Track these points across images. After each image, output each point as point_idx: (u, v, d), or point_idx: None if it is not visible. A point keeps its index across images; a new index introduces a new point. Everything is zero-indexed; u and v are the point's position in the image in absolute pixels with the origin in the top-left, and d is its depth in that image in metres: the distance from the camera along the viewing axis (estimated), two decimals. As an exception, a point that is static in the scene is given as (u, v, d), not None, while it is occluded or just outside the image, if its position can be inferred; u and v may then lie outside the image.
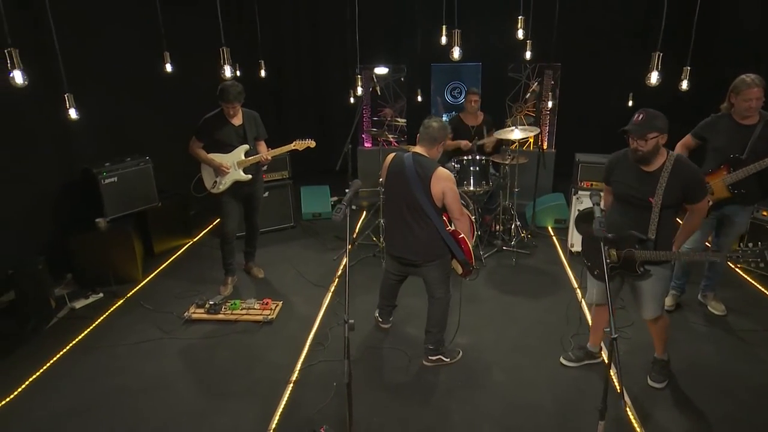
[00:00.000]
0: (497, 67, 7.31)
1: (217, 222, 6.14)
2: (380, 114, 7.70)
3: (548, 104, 7.18)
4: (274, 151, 4.64)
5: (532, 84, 7.12)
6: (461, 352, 3.81)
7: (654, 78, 3.44)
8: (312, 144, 4.75)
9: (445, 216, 3.51)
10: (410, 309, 4.31)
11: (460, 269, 3.64)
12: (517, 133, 5.29)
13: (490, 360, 3.78)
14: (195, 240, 6.03)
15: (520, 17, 4.95)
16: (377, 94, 7.31)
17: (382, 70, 7.13)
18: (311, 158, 5.80)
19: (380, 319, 4.16)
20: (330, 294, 4.74)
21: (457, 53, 4.04)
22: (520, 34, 5.06)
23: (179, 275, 5.17)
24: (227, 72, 3.86)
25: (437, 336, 3.68)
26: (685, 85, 3.79)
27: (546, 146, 7.04)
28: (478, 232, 5.32)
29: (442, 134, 3.47)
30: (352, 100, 6.55)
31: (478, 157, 5.25)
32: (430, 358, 3.71)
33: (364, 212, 6.77)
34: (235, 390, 3.50)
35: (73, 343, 4.03)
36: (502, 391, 3.46)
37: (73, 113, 3.76)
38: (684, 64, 3.74)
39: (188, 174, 4.88)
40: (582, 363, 3.67)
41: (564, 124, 7.35)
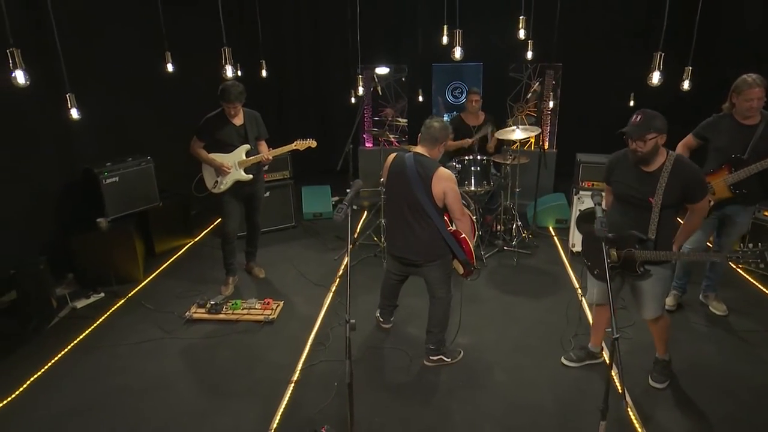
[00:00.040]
0: (498, 67, 7.31)
1: (218, 222, 6.14)
2: (381, 114, 7.70)
3: (549, 104, 7.18)
4: (275, 150, 4.65)
5: (534, 84, 7.12)
6: (462, 352, 3.81)
7: (656, 78, 3.44)
8: (313, 144, 4.76)
9: (446, 216, 3.51)
10: (411, 309, 4.31)
11: (461, 269, 3.64)
12: (518, 133, 5.29)
13: (491, 360, 3.78)
14: (196, 240, 6.04)
15: (522, 17, 4.95)
16: (378, 94, 7.32)
17: (383, 70, 7.14)
18: (312, 158, 5.82)
19: (381, 319, 4.16)
20: (331, 294, 4.74)
21: (458, 53, 4.04)
22: (522, 34, 5.05)
23: (180, 275, 5.17)
24: (229, 72, 3.87)
25: (438, 336, 3.68)
26: (686, 85, 3.78)
27: (547, 146, 7.05)
28: (479, 232, 5.32)
29: (443, 134, 3.48)
30: (353, 100, 6.56)
31: (479, 157, 5.25)
32: (431, 358, 3.71)
33: (365, 212, 6.78)
34: (236, 390, 3.50)
35: (75, 342, 4.04)
36: (504, 392, 3.46)
37: (74, 113, 3.76)
38: (685, 64, 3.73)
39: (189, 174, 4.89)
40: (583, 363, 3.67)
41: (565, 124, 7.35)
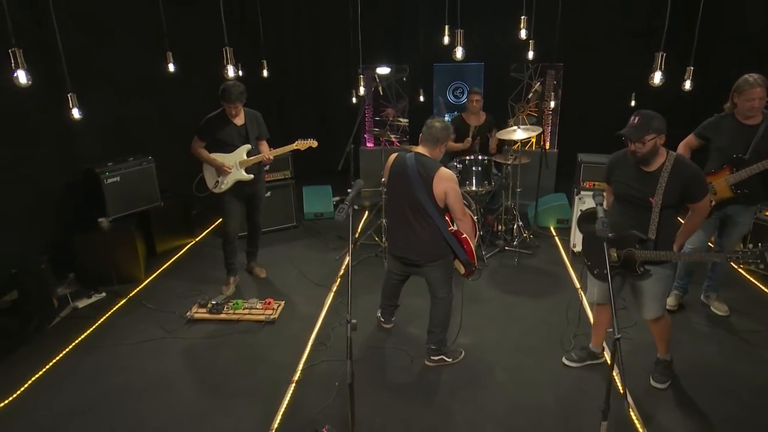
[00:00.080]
0: (500, 67, 7.31)
1: (219, 222, 6.14)
2: (382, 114, 7.70)
3: (550, 104, 7.17)
4: (276, 150, 4.65)
5: (535, 84, 7.12)
6: (463, 352, 3.81)
7: (657, 78, 3.43)
8: (314, 144, 4.77)
9: (447, 216, 3.51)
10: (412, 309, 4.31)
11: (462, 269, 3.64)
12: (519, 133, 5.29)
13: (492, 360, 3.77)
14: (197, 240, 6.04)
15: (523, 17, 4.94)
16: (379, 94, 7.32)
17: (384, 70, 7.14)
18: (313, 158, 5.82)
19: (382, 319, 4.16)
20: (332, 294, 4.74)
21: (459, 53, 4.04)
22: (523, 34, 5.04)
23: (181, 275, 5.17)
24: (230, 72, 3.88)
25: (439, 336, 3.68)
26: (688, 85, 3.78)
27: (548, 146, 7.05)
28: (480, 232, 5.32)
29: (444, 134, 3.47)
30: (355, 99, 6.55)
31: (480, 157, 5.24)
32: (432, 358, 3.71)
33: (366, 212, 6.78)
34: (238, 390, 3.50)
35: (76, 342, 4.04)
36: (505, 392, 3.46)
37: (76, 113, 3.77)
38: (687, 64, 3.72)
39: (190, 174, 4.89)
40: (584, 363, 3.67)
41: (566, 124, 7.35)
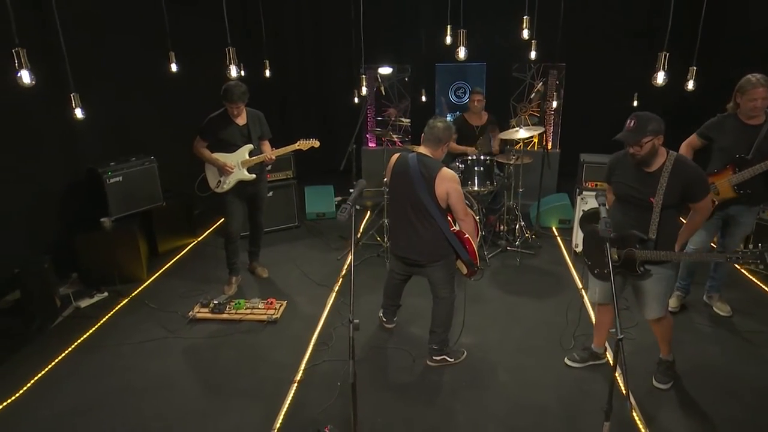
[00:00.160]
0: (502, 66, 7.30)
1: (221, 221, 6.14)
2: (384, 114, 7.70)
3: (553, 104, 7.17)
4: (278, 150, 4.65)
5: (537, 84, 7.11)
6: (465, 352, 3.81)
7: (660, 78, 3.42)
8: (316, 144, 4.77)
9: (449, 216, 3.51)
10: (415, 309, 4.31)
11: (464, 269, 3.63)
12: (521, 132, 5.29)
13: (494, 360, 3.77)
14: (199, 239, 6.05)
15: (525, 17, 4.94)
16: (382, 93, 7.31)
17: (386, 70, 7.13)
18: (315, 158, 5.82)
19: (384, 319, 4.16)
20: (334, 294, 4.74)
21: (462, 53, 4.03)
22: (525, 33, 5.04)
23: (184, 275, 5.18)
24: (233, 72, 3.88)
25: (442, 336, 3.68)
26: (690, 85, 3.77)
27: (550, 146, 7.04)
28: (483, 232, 5.31)
29: (446, 135, 3.47)
30: (357, 99, 6.55)
31: (482, 157, 5.24)
32: (434, 358, 3.70)
33: (368, 212, 6.78)
34: (240, 389, 3.51)
35: (78, 342, 4.04)
36: (507, 392, 3.46)
37: (79, 113, 3.77)
38: (690, 64, 3.71)
39: (192, 173, 4.89)
40: (586, 364, 3.66)
41: (568, 124, 7.34)
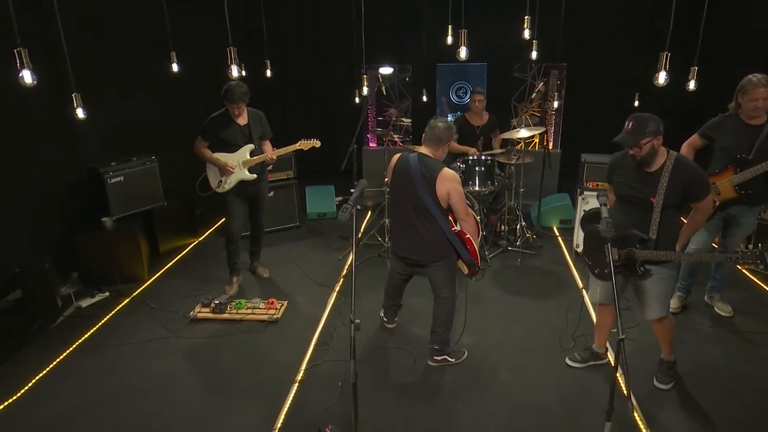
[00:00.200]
0: (503, 66, 7.30)
1: (222, 221, 6.14)
2: (385, 114, 7.70)
3: (554, 104, 7.16)
4: (279, 150, 4.65)
5: (538, 84, 7.11)
6: (466, 352, 3.80)
7: (662, 78, 3.42)
8: (317, 144, 4.77)
9: (450, 216, 3.51)
10: (416, 309, 4.31)
11: (465, 269, 3.63)
12: (522, 132, 5.30)
13: (495, 360, 3.77)
14: (200, 239, 6.05)
15: (526, 17, 4.94)
16: (383, 93, 7.31)
17: (387, 70, 7.13)
18: (316, 158, 5.82)
19: (385, 319, 4.16)
20: (335, 294, 4.74)
21: (463, 53, 4.03)
22: (526, 33, 5.04)
23: (185, 274, 5.18)
24: (234, 72, 3.88)
25: (443, 336, 3.67)
26: (692, 85, 3.76)
27: (551, 146, 7.04)
28: (484, 232, 5.31)
29: (447, 135, 3.47)
30: (358, 99, 6.55)
31: (483, 157, 5.24)
32: (435, 358, 3.70)
33: (369, 212, 6.78)
34: (240, 389, 3.51)
35: (79, 341, 4.05)
36: (508, 392, 3.45)
37: (80, 113, 3.77)
38: (691, 64, 3.71)
39: (194, 173, 4.89)
40: (587, 364, 3.66)
41: (569, 124, 7.34)
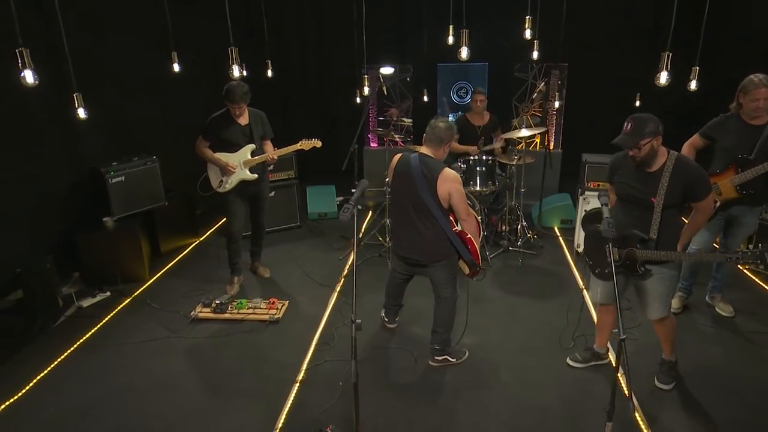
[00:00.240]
0: (504, 67, 7.30)
1: (223, 221, 6.15)
2: (386, 114, 7.70)
3: (555, 104, 7.16)
4: (280, 150, 4.66)
5: (539, 84, 7.11)
6: (467, 352, 3.80)
7: (663, 78, 3.41)
8: (318, 144, 4.77)
9: (451, 216, 3.51)
10: (417, 309, 4.31)
11: (466, 269, 3.63)
12: (523, 131, 5.31)
13: (496, 360, 3.77)
14: (201, 239, 6.05)
15: (528, 17, 4.94)
16: (384, 93, 7.32)
17: (388, 70, 7.14)
18: (317, 158, 5.82)
19: (386, 319, 4.16)
20: (336, 294, 4.74)
21: (465, 53, 4.03)
22: (528, 33, 5.04)
23: (186, 274, 5.18)
24: (235, 72, 3.88)
25: (444, 336, 3.67)
26: (693, 85, 3.76)
27: (552, 146, 7.04)
28: (485, 232, 5.31)
29: (448, 135, 3.47)
30: (359, 99, 6.56)
31: (484, 158, 5.24)
32: (436, 358, 3.70)
33: (370, 212, 6.78)
34: (242, 389, 3.51)
35: (81, 341, 4.05)
36: (509, 392, 3.45)
37: (81, 113, 3.77)
38: (693, 64, 3.71)
39: (195, 173, 4.90)
40: (589, 364, 3.66)
41: (571, 124, 7.33)
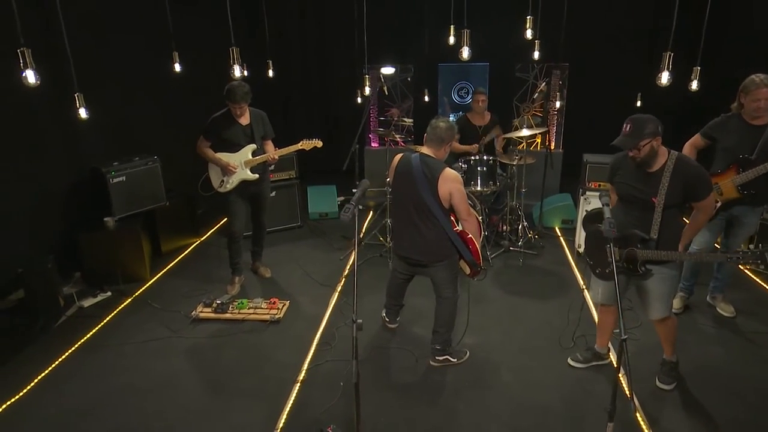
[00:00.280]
0: (505, 67, 7.30)
1: (224, 221, 6.16)
2: (387, 114, 7.70)
3: (556, 104, 7.16)
4: (281, 150, 4.66)
5: (540, 84, 7.10)
6: (468, 352, 3.80)
7: (665, 78, 3.41)
8: (319, 144, 4.77)
9: (452, 216, 3.50)
10: (417, 309, 4.31)
11: (467, 269, 3.63)
12: (524, 131, 5.31)
13: (497, 360, 3.77)
14: (202, 239, 6.05)
15: (529, 17, 4.94)
16: (384, 93, 7.32)
17: (389, 70, 7.14)
18: (318, 158, 5.82)
19: (387, 319, 4.16)
20: (337, 294, 4.74)
21: (466, 53, 4.03)
22: (529, 34, 5.05)
23: (187, 274, 5.19)
24: (236, 72, 3.88)
25: (444, 336, 3.67)
26: (694, 85, 3.76)
27: (553, 146, 7.04)
28: (485, 232, 5.31)
29: (449, 135, 3.47)
30: (360, 99, 6.56)
31: (485, 157, 5.24)
32: (437, 358, 3.70)
33: (371, 212, 6.78)
34: (242, 389, 3.51)
35: (82, 341, 4.05)
36: (510, 392, 3.45)
37: (82, 113, 3.77)
38: (694, 64, 3.71)
39: (196, 173, 4.89)
40: (590, 364, 3.66)
41: (572, 124, 7.33)
